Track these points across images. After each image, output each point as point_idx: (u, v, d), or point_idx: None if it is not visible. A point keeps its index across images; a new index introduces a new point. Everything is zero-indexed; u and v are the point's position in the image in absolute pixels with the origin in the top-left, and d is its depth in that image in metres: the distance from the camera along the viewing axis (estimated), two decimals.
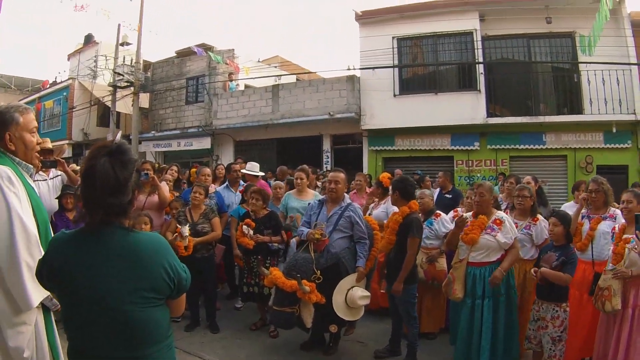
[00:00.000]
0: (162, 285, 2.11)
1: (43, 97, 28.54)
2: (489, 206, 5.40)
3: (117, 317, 2.03)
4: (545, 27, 15.14)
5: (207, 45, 20.37)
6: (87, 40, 28.52)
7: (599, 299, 4.70)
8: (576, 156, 15.07)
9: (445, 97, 16.02)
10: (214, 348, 6.29)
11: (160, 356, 2.17)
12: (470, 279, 5.34)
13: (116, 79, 22.22)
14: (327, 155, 18.15)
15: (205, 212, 6.99)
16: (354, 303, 5.58)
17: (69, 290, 2.09)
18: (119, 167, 2.07)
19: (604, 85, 14.21)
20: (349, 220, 5.93)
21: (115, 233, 2.09)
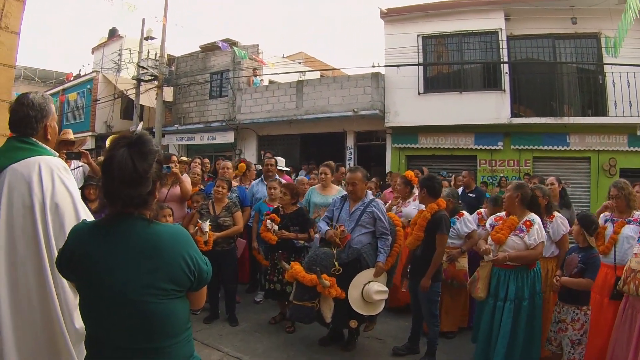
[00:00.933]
0: (182, 277, 2.07)
1: (67, 89, 28.92)
2: (513, 205, 5.38)
3: (136, 308, 1.99)
4: (571, 28, 15.04)
5: (232, 40, 20.47)
6: (112, 34, 28.82)
7: (630, 281, 4.52)
8: (600, 158, 14.93)
9: (469, 96, 15.97)
10: (231, 341, 6.34)
11: (180, 348, 2.14)
12: (495, 279, 5.33)
13: (140, 72, 22.45)
14: (350, 152, 18.16)
15: (228, 206, 7.00)
16: (370, 298, 5.57)
17: (88, 281, 2.06)
18: (138, 158, 2.03)
19: (629, 87, 14.04)
20: (371, 216, 5.94)
21: (135, 224, 2.06)
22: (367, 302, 5.65)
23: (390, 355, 6.08)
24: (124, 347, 2.04)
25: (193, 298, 2.23)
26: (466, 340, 6.49)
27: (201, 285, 2.20)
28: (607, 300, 5.11)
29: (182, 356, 2.15)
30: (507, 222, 5.34)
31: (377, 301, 5.69)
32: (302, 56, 27.29)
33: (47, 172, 2.80)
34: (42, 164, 2.81)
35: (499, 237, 5.30)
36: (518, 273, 5.22)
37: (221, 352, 5.93)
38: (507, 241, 5.24)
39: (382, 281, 5.84)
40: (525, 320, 5.17)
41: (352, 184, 6.06)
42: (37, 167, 2.79)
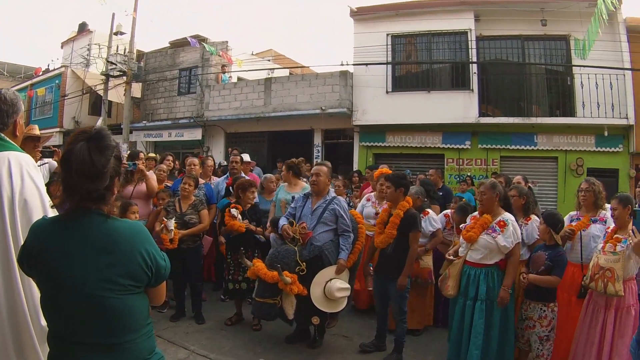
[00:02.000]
0: (139, 272, 2.10)
1: (35, 84, 28.37)
2: (492, 205, 5.31)
3: (94, 303, 2.01)
4: (540, 30, 15.17)
5: (201, 36, 20.30)
6: (81, 28, 28.47)
7: (599, 278, 4.65)
8: (567, 158, 15.09)
9: (437, 96, 16.01)
10: (198, 339, 6.35)
11: (140, 344, 2.16)
12: (465, 277, 5.32)
13: (109, 68, 22.12)
14: (317, 150, 18.14)
15: (195, 204, 7.01)
16: (332, 295, 5.61)
17: (47, 276, 2.07)
18: (96, 152, 2.05)
19: (597, 89, 14.24)
20: (333, 214, 5.97)
21: (92, 219, 2.08)
22: (330, 300, 5.69)
23: (357, 353, 6.13)
24: (84, 342, 2.06)
25: (152, 294, 2.29)
26: (432, 338, 6.69)
27: (159, 281, 2.25)
28: (575, 298, 5.28)
29: (143, 351, 2.18)
30: (480, 220, 5.31)
31: (340, 298, 5.72)
32: (272, 53, 27.17)
33: (16, 167, 2.75)
34: (11, 159, 2.75)
35: (470, 236, 5.28)
36: (488, 272, 5.20)
37: (187, 350, 5.96)
38: (479, 240, 5.22)
39: (344, 278, 5.89)
40: (498, 321, 5.14)
41: (316, 174, 6.11)
42: (7, 162, 2.73)
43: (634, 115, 14.31)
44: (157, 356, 2.29)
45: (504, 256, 5.20)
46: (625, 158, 14.79)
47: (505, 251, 5.15)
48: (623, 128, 14.57)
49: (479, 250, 5.24)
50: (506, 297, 5.06)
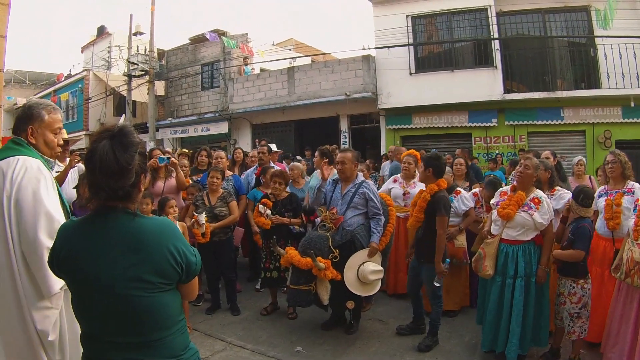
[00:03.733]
0: (169, 270, 2.07)
1: (58, 90, 28.83)
2: (530, 183, 5.26)
3: (124, 302, 2.01)
4: (560, 2, 15.05)
5: (221, 30, 20.47)
6: (100, 31, 28.74)
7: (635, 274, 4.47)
8: (594, 131, 14.90)
9: (461, 74, 15.94)
10: (234, 330, 6.34)
11: (172, 341, 2.15)
12: (502, 256, 5.21)
13: (130, 68, 22.39)
14: (344, 136, 18.16)
15: (223, 196, 6.96)
16: (366, 278, 5.59)
17: (76, 278, 2.08)
18: (119, 149, 2.03)
19: (620, 59, 14.03)
20: (363, 197, 5.94)
21: (119, 218, 2.06)
22: (363, 283, 5.67)
23: (393, 336, 6.09)
24: (117, 341, 2.06)
25: (184, 290, 2.25)
26: (468, 319, 6.51)
27: (190, 277, 2.21)
28: (608, 272, 5.10)
29: (176, 348, 2.16)
30: (515, 197, 5.23)
31: (373, 281, 5.71)
32: (292, 42, 27.19)
33: (20, 170, 2.88)
34: (19, 162, 2.90)
35: (507, 213, 5.17)
36: (526, 248, 5.15)
37: (224, 341, 5.93)
38: (516, 217, 5.14)
39: (377, 261, 5.85)
40: (534, 296, 5.10)
41: (341, 162, 6.06)
42: (15, 164, 2.88)
43: None
44: (191, 352, 2.27)
45: (539, 232, 5.18)
46: None
47: (542, 228, 5.11)
48: None
49: (516, 228, 5.19)
50: (544, 276, 5.06)
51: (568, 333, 5.04)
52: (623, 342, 4.58)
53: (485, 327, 5.37)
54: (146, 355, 2.07)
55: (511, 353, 5.04)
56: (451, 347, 5.78)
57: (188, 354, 2.22)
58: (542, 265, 5.06)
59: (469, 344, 5.87)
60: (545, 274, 5.07)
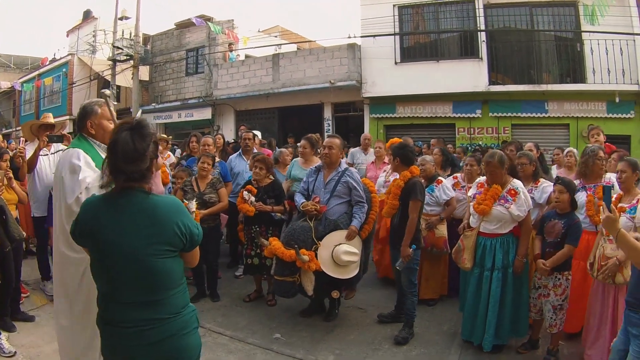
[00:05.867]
0: (176, 239, 2.47)
1: (42, 74, 28.53)
2: (501, 175, 5.23)
3: (142, 266, 2.41)
4: None
5: (207, 16, 20.29)
6: (86, 15, 28.37)
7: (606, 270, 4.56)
8: (578, 125, 14.87)
9: (446, 65, 15.90)
10: (213, 316, 6.37)
11: (176, 299, 2.55)
12: (480, 249, 5.29)
13: (115, 52, 22.19)
14: (328, 124, 18.13)
15: (213, 182, 6.96)
16: (338, 259, 5.54)
17: (99, 245, 2.47)
18: (138, 139, 2.43)
19: (607, 55, 14.06)
20: (346, 186, 5.93)
21: (136, 196, 2.45)
22: (337, 264, 5.61)
23: (372, 324, 6.15)
24: (130, 300, 2.47)
25: (187, 257, 2.66)
26: (447, 308, 6.62)
27: (193, 247, 2.62)
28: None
29: (177, 306, 2.56)
30: (490, 191, 5.23)
31: (348, 263, 5.64)
32: (279, 29, 27.02)
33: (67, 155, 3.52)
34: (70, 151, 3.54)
35: (482, 209, 5.22)
36: (503, 240, 5.19)
37: (203, 328, 5.83)
38: (492, 211, 5.16)
39: (356, 245, 5.79)
40: (512, 287, 5.13)
41: (329, 147, 6.05)
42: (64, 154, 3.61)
43: None
44: (190, 308, 2.66)
45: (517, 223, 5.18)
46: (637, 124, 14.57)
47: (519, 220, 5.13)
48: (634, 94, 14.34)
49: (493, 222, 5.21)
50: (521, 266, 5.08)
51: (550, 326, 5.04)
52: (603, 339, 4.59)
53: (465, 316, 5.50)
54: (154, 312, 2.47)
55: (487, 344, 5.11)
56: (430, 336, 5.83)
57: (187, 310, 2.63)
58: (519, 256, 5.09)
59: (447, 333, 5.92)
60: (523, 264, 5.09)
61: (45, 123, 6.90)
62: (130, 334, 2.46)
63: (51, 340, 5.24)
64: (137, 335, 2.45)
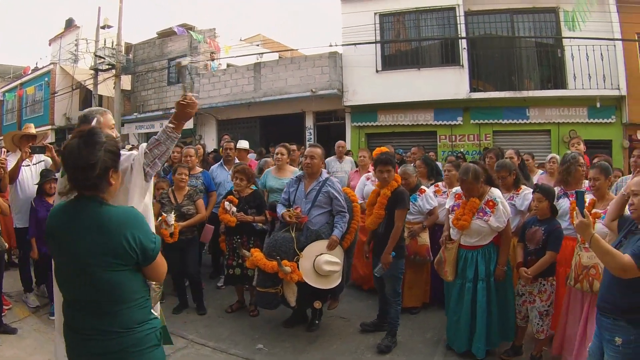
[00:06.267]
0: (124, 253, 2.40)
1: (25, 83, 28.27)
2: (478, 189, 5.21)
3: (88, 276, 2.38)
4: (529, 2, 15.11)
5: (188, 25, 20.28)
6: (68, 24, 28.20)
7: (583, 278, 4.57)
8: (560, 131, 15.02)
9: (428, 73, 15.97)
10: (196, 327, 6.31)
11: (129, 313, 2.47)
12: (461, 261, 5.30)
13: (97, 62, 22.05)
14: (309, 132, 18.13)
15: (190, 194, 6.87)
16: (320, 269, 5.50)
17: (55, 251, 2.53)
18: (84, 146, 2.39)
19: (587, 61, 14.19)
20: (327, 196, 5.90)
21: (88, 205, 2.44)
22: (320, 275, 5.58)
23: (355, 333, 6.11)
24: (82, 308, 2.47)
25: (147, 272, 2.60)
26: (430, 315, 6.64)
27: (148, 261, 2.53)
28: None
29: (130, 321, 2.48)
30: (468, 205, 5.22)
31: (329, 273, 5.61)
32: (260, 38, 27.00)
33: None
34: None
35: (462, 224, 5.21)
36: (485, 251, 5.20)
37: (186, 339, 5.91)
38: (472, 225, 5.16)
39: (338, 255, 5.75)
40: (497, 295, 5.16)
41: (310, 156, 6.00)
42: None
43: (625, 85, 14.24)
44: (149, 326, 2.57)
45: (498, 233, 5.18)
46: (618, 129, 14.74)
47: (499, 230, 5.14)
48: (615, 99, 14.52)
49: (473, 236, 5.22)
50: (502, 275, 5.09)
51: (537, 332, 5.04)
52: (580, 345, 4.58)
53: (449, 326, 5.54)
54: (105, 323, 2.42)
55: (480, 352, 5.14)
56: (413, 344, 5.82)
57: (143, 327, 2.53)
58: (500, 265, 5.10)
59: (431, 341, 5.91)
60: (504, 272, 5.11)
61: (27, 134, 6.78)
62: (83, 341, 2.47)
63: (34, 352, 5.32)
64: (88, 344, 2.46)
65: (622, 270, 3.18)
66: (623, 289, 3.31)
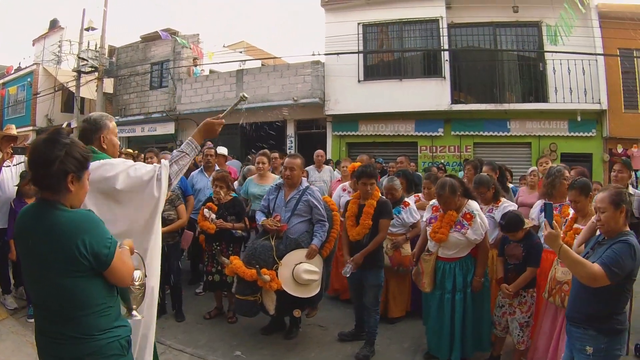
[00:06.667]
0: (75, 260, 2.34)
1: (7, 82, 28.04)
2: (453, 202, 5.20)
3: (47, 281, 2.39)
4: (512, 16, 15.14)
5: (172, 30, 20.14)
6: (53, 25, 27.97)
7: (556, 293, 4.61)
8: (540, 144, 15.16)
9: (409, 84, 16.02)
10: (174, 333, 6.28)
11: (90, 320, 2.43)
12: (439, 272, 5.32)
13: (80, 64, 21.88)
14: (290, 141, 18.11)
15: (171, 199, 6.75)
16: (299, 277, 5.50)
17: (21, 255, 2.53)
18: (46, 144, 2.41)
19: (569, 75, 14.34)
20: (307, 205, 5.92)
21: (44, 209, 2.42)
22: (297, 283, 5.58)
23: (333, 342, 6.14)
24: (47, 311, 2.47)
25: (108, 277, 2.51)
26: (409, 325, 6.66)
27: (103, 267, 2.44)
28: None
29: (91, 327, 2.44)
30: (446, 218, 5.24)
31: (308, 282, 5.61)
32: (244, 45, 26.93)
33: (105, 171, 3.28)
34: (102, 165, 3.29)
35: (439, 238, 5.23)
36: (462, 263, 5.24)
37: (163, 345, 5.83)
38: (449, 238, 5.18)
39: (317, 264, 5.77)
40: (473, 306, 5.19)
41: (290, 168, 6.01)
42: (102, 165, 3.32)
43: (606, 100, 14.43)
44: (112, 334, 2.52)
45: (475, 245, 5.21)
46: (598, 142, 14.90)
47: (477, 242, 5.16)
48: (596, 113, 14.68)
49: (451, 248, 5.24)
50: (479, 286, 5.13)
51: (518, 343, 5.10)
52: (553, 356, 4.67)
53: (429, 336, 5.59)
54: (67, 328, 2.40)
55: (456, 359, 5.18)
56: (391, 353, 5.87)
57: (105, 335, 2.48)
58: (477, 276, 5.15)
59: (409, 350, 5.95)
60: (481, 284, 5.14)
61: (8, 135, 6.64)
62: (49, 344, 2.48)
63: (11, 355, 5.30)
64: (52, 346, 2.46)
65: (592, 279, 3.27)
66: (591, 298, 3.41)
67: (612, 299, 3.41)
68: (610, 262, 3.24)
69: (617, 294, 3.41)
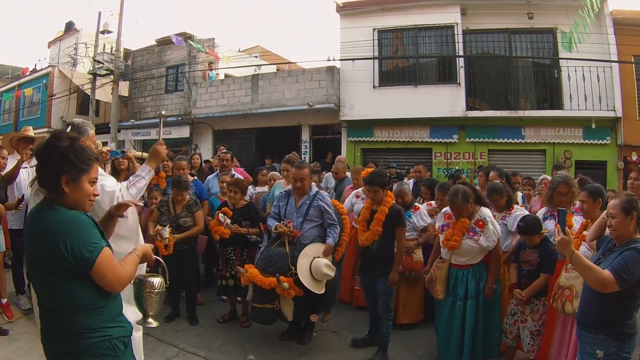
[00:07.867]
0: (57, 260, 2.37)
1: (23, 84, 28.09)
2: (466, 209, 5.22)
3: (39, 279, 2.53)
4: (527, 23, 15.11)
5: (188, 34, 20.24)
6: (68, 27, 28.13)
7: (558, 298, 4.62)
8: (555, 151, 15.05)
9: (424, 90, 15.99)
10: (187, 336, 6.31)
11: (78, 317, 2.47)
12: (452, 279, 5.33)
13: (96, 67, 21.97)
14: (305, 146, 18.12)
15: (189, 205, 6.86)
16: (318, 271, 5.47)
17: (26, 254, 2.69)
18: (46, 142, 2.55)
19: (584, 82, 14.26)
20: (318, 210, 5.92)
21: (44, 209, 2.51)
22: (314, 278, 5.55)
23: (346, 348, 6.14)
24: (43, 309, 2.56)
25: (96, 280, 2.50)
26: (421, 332, 6.65)
27: (85, 269, 2.44)
28: None
29: (82, 326, 2.47)
30: (458, 225, 5.25)
31: (325, 277, 5.58)
32: (259, 50, 27.02)
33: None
34: None
35: (452, 245, 5.23)
36: (475, 270, 5.24)
37: (177, 347, 5.92)
38: (462, 245, 5.18)
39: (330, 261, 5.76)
40: (484, 313, 5.20)
41: (300, 179, 5.97)
42: None
43: (621, 107, 14.32)
44: (102, 333, 2.52)
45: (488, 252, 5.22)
46: (613, 150, 14.78)
47: (489, 249, 5.18)
48: (610, 120, 14.57)
49: (463, 255, 5.25)
50: (491, 293, 5.15)
51: (528, 352, 5.08)
52: None
53: (439, 342, 5.58)
54: (54, 327, 2.50)
55: None
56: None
57: (95, 334, 2.50)
58: (489, 283, 5.16)
59: (421, 357, 5.96)
60: (493, 291, 5.16)
61: (25, 136, 6.89)
62: (46, 339, 2.57)
63: (24, 355, 5.36)
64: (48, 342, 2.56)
65: (602, 285, 3.35)
66: (601, 303, 3.49)
67: (622, 304, 3.49)
68: (620, 268, 3.33)
69: (627, 300, 3.49)
